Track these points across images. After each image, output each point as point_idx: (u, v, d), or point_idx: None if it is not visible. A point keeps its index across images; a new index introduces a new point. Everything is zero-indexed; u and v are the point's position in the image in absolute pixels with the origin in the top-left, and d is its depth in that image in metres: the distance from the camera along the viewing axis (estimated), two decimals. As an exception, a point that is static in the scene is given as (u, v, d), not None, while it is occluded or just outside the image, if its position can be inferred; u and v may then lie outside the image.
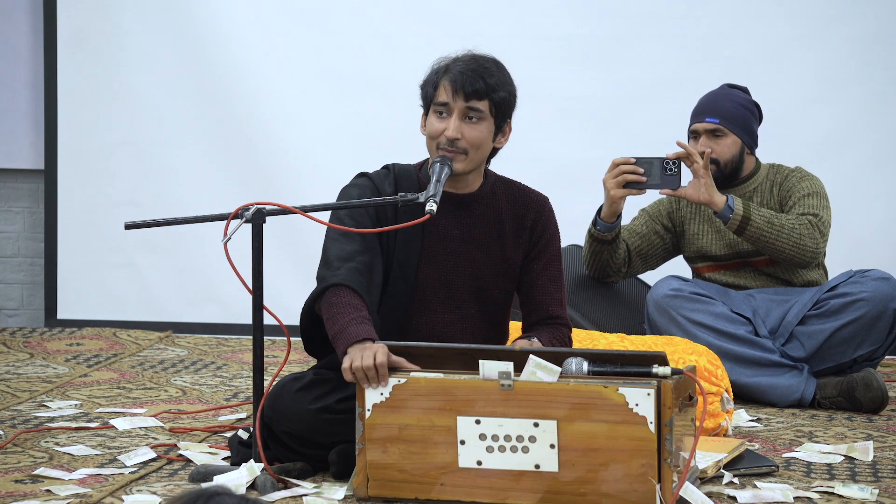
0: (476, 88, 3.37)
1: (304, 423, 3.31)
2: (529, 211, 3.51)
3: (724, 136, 4.57)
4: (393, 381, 3.11)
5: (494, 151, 3.51)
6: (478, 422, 3.06)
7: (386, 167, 3.55)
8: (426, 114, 3.46)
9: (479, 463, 3.07)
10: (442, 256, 3.46)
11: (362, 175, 3.53)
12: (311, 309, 3.38)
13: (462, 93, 3.37)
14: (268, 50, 5.91)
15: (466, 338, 3.46)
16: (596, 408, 2.99)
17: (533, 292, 3.51)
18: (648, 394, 2.96)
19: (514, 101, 3.47)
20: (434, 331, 3.45)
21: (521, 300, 3.55)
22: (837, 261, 4.92)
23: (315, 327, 3.42)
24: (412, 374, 3.12)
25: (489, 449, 3.06)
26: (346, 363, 3.14)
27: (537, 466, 3.04)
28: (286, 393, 3.35)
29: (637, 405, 2.97)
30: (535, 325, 3.51)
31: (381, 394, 3.11)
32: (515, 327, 3.94)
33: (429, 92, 3.42)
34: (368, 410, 3.11)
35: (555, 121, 5.82)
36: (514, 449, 3.05)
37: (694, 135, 4.60)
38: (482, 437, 3.06)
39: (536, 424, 3.02)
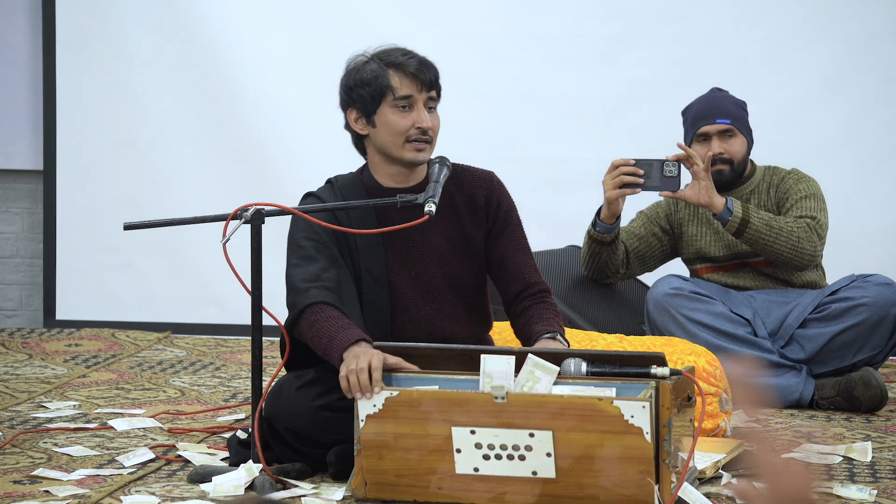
0: (433, 77, 3.45)
1: (305, 421, 3.31)
2: (479, 189, 3.54)
3: (735, 136, 4.57)
4: (385, 393, 3.08)
5: None
6: (473, 432, 3.05)
7: (328, 181, 3.58)
8: (365, 113, 3.46)
9: (476, 469, 3.06)
10: (406, 252, 3.48)
11: (309, 195, 3.55)
12: (290, 335, 3.38)
13: (426, 84, 3.43)
14: (267, 51, 5.92)
15: (451, 326, 3.47)
16: (591, 419, 2.98)
17: (505, 264, 3.54)
18: (644, 406, 2.94)
19: None
20: (419, 326, 3.46)
21: (494, 277, 3.57)
22: (835, 262, 4.92)
23: (297, 352, 3.41)
24: (405, 387, 3.09)
25: (486, 457, 3.05)
26: (342, 371, 3.13)
27: (534, 473, 3.03)
28: (287, 390, 3.35)
29: (632, 417, 2.95)
30: (518, 297, 3.52)
31: (374, 405, 3.09)
32: (504, 327, 3.93)
33: (380, 88, 3.42)
34: (362, 421, 3.10)
35: (553, 121, 5.82)
36: (510, 457, 3.03)
37: (703, 137, 4.58)
38: (478, 446, 3.05)
39: (532, 435, 3.01)
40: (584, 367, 3.07)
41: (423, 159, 3.46)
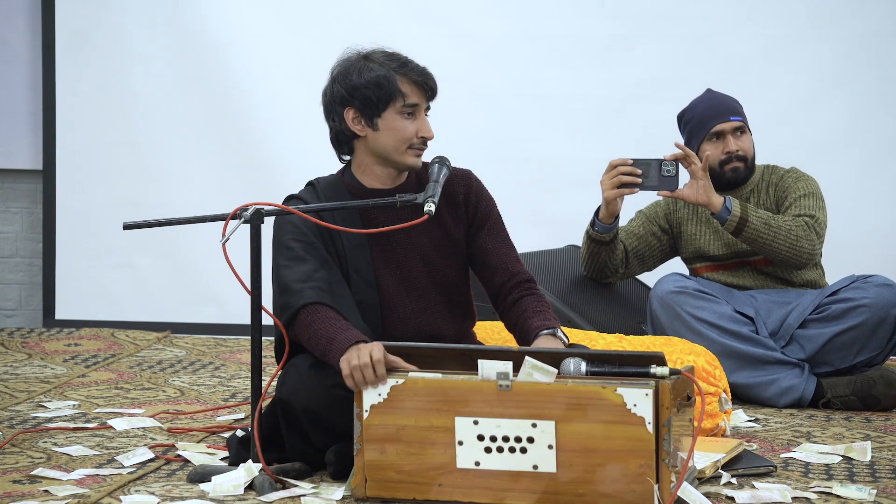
0: (436, 87, 3.48)
1: (320, 397, 3.28)
2: (458, 187, 3.56)
3: (746, 133, 4.61)
4: (391, 381, 3.11)
5: None
6: (476, 422, 3.06)
7: (310, 183, 3.59)
8: (366, 114, 3.46)
9: (477, 463, 3.07)
10: (390, 251, 3.49)
11: (292, 197, 3.55)
12: (284, 338, 3.37)
13: (429, 93, 3.47)
14: (267, 50, 5.92)
15: (436, 323, 3.49)
16: (594, 408, 2.99)
17: (488, 258, 3.55)
18: (647, 394, 2.96)
19: None
20: (408, 323, 3.47)
21: (478, 272, 3.58)
22: (835, 262, 4.93)
23: (296, 349, 3.40)
24: (410, 374, 3.12)
25: (487, 449, 3.06)
26: (344, 368, 3.13)
27: (535, 467, 3.04)
28: (299, 370, 3.34)
29: (635, 405, 2.97)
30: (504, 289, 3.53)
31: (379, 395, 3.11)
32: (499, 328, 3.93)
33: (390, 92, 3.43)
34: (366, 411, 3.12)
35: (553, 121, 5.82)
36: (511, 449, 3.05)
37: (717, 136, 4.58)
38: (480, 437, 3.06)
39: (534, 425, 3.03)
40: (583, 366, 3.08)
41: (420, 164, 3.50)
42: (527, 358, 3.05)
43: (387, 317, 3.48)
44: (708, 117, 4.59)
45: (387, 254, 3.49)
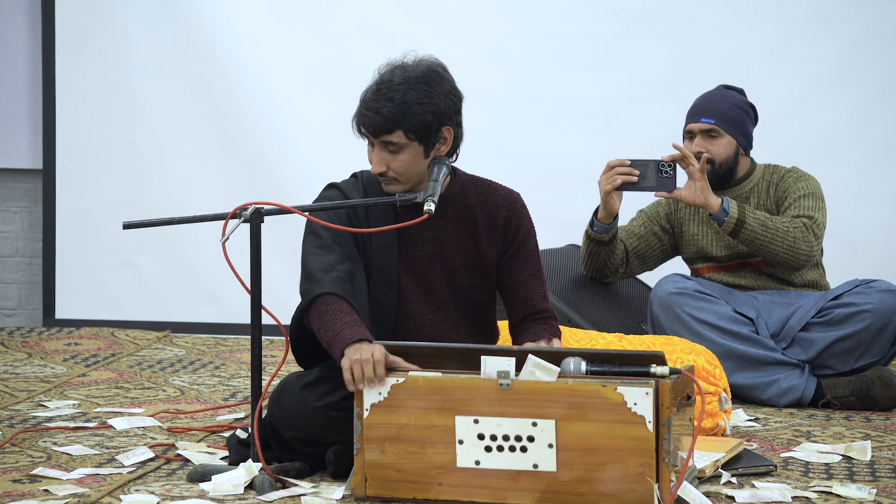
0: (377, 128, 3.37)
1: (310, 421, 3.30)
2: (501, 209, 3.52)
3: (719, 137, 4.57)
4: (391, 380, 3.11)
5: (452, 152, 3.47)
6: (476, 421, 3.06)
7: (354, 175, 3.57)
8: None
9: (478, 463, 3.07)
10: (418, 259, 3.47)
11: (331, 186, 3.54)
12: (300, 323, 3.38)
13: (369, 132, 3.38)
14: (267, 50, 5.92)
15: (453, 337, 3.47)
16: (594, 407, 3.00)
17: (516, 289, 3.52)
18: (647, 393, 2.96)
19: (441, 114, 3.39)
20: (421, 333, 3.46)
21: (504, 298, 3.56)
22: (837, 261, 4.92)
23: (305, 340, 3.41)
24: (411, 373, 3.12)
25: (487, 448, 3.06)
26: (345, 364, 3.14)
27: (535, 466, 3.04)
28: (291, 390, 3.34)
29: (635, 404, 2.97)
30: (523, 321, 3.52)
31: (380, 393, 3.11)
32: (503, 325, 3.94)
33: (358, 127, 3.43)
34: (367, 410, 3.12)
35: (554, 120, 5.82)
36: (512, 448, 3.05)
37: (689, 135, 4.61)
38: (480, 436, 3.06)
39: (535, 424, 3.03)
40: (583, 366, 3.08)
41: (393, 192, 3.44)
42: (530, 356, 3.05)
43: (402, 322, 3.47)
44: (688, 115, 4.62)
45: (413, 260, 3.48)
